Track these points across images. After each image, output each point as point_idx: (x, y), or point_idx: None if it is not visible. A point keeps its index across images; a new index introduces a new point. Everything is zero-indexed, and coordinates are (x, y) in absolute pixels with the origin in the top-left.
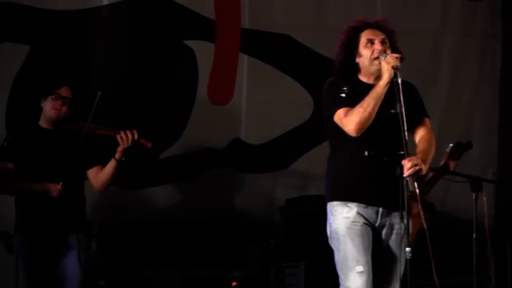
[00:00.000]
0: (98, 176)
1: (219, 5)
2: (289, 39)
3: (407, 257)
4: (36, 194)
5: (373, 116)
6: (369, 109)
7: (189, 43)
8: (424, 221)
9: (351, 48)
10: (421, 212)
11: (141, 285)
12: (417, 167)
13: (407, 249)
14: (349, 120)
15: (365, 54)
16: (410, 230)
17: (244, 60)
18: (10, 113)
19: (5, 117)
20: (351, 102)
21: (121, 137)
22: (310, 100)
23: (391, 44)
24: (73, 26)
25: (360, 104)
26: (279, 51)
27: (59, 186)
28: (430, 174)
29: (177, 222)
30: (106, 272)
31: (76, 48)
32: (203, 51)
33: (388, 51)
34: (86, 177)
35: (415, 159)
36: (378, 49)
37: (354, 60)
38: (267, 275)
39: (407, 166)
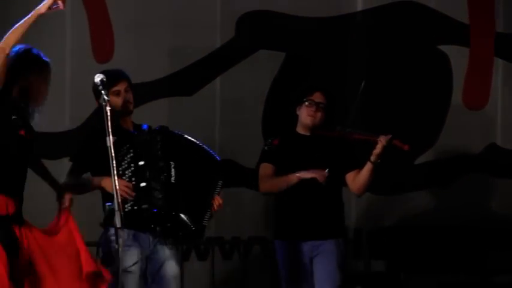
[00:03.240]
0: (355, 179)
1: (474, 10)
2: None
3: None
4: (298, 188)
5: None
6: None
7: (443, 48)
8: None
9: None
10: None
11: None
12: None
13: None
14: None
15: None
16: None
17: (499, 64)
18: (266, 120)
19: (261, 124)
20: None
21: (377, 141)
22: None
23: None
24: (327, 32)
25: None
26: None
27: (326, 173)
28: None
29: (432, 227)
30: (363, 277)
31: (330, 54)
32: (457, 56)
33: None
34: (344, 183)
35: None
36: None
37: None
38: None
39: None
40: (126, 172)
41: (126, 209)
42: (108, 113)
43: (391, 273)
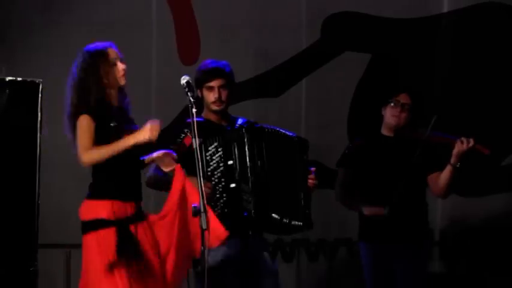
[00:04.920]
0: (436, 182)
1: None
2: None
3: None
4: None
5: None
6: None
7: None
8: None
9: None
10: None
11: None
12: None
13: None
14: None
15: None
16: None
17: None
18: (352, 120)
19: (347, 125)
20: None
21: (458, 143)
22: None
23: None
24: (413, 34)
25: None
26: None
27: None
28: None
29: None
30: (447, 279)
31: (417, 56)
32: None
33: None
34: (427, 184)
35: None
36: None
37: None
38: None
39: None
40: (215, 173)
41: (215, 212)
42: (194, 115)
43: (476, 275)
